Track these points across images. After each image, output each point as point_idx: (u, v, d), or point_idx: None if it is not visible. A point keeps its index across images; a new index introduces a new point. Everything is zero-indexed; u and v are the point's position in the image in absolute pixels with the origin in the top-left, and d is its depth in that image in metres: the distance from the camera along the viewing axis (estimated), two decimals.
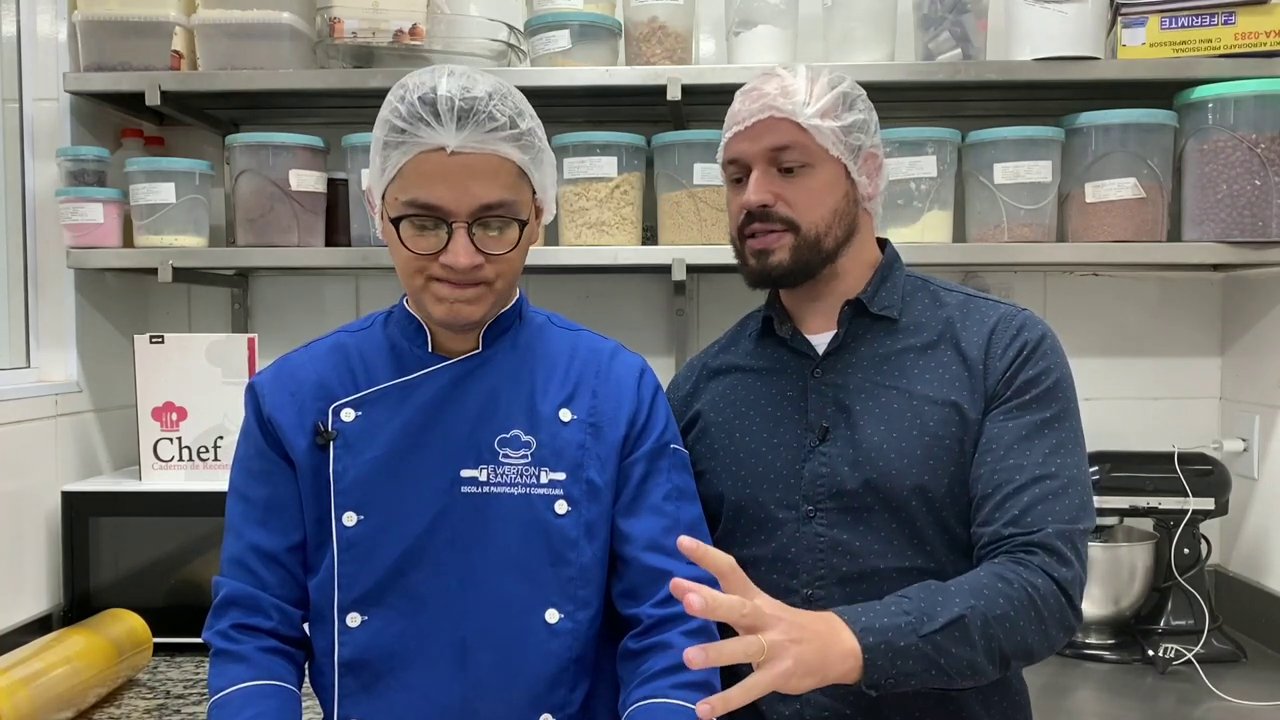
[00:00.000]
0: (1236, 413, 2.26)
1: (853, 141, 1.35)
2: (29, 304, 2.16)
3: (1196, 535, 2.06)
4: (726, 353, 1.51)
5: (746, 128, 1.35)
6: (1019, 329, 1.34)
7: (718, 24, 2.25)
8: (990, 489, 1.27)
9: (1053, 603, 1.21)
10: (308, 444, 1.28)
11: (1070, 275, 2.35)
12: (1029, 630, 1.19)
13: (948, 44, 2.02)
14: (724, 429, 1.43)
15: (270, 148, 2.11)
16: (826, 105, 1.33)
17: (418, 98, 1.17)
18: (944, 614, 1.15)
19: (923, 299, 1.41)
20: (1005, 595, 1.18)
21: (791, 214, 1.34)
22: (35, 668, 1.64)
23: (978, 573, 1.22)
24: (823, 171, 1.34)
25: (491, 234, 1.21)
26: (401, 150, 1.19)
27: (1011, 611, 1.18)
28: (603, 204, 2.08)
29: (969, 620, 1.16)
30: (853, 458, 1.32)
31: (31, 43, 2.14)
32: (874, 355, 1.37)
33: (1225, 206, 1.95)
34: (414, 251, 1.20)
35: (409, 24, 2.05)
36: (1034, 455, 1.27)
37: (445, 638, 1.24)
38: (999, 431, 1.29)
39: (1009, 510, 1.25)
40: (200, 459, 2.11)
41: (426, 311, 1.25)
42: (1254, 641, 2.09)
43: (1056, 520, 1.24)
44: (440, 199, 1.18)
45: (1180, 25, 1.97)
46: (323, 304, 2.43)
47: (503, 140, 1.19)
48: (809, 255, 1.35)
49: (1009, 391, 1.31)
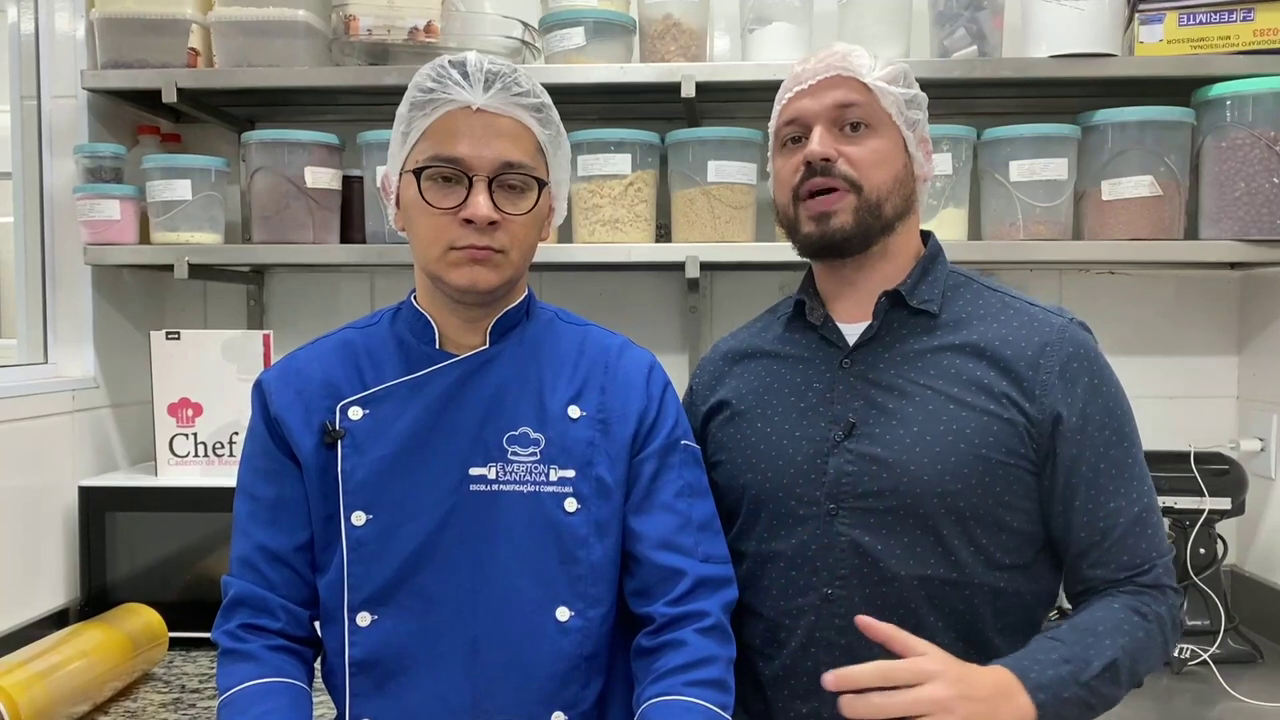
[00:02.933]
0: (1253, 412, 2.24)
1: (911, 115, 1.34)
2: (46, 300, 2.17)
3: (1213, 535, 2.04)
4: (756, 337, 1.47)
5: (810, 85, 1.32)
6: (1073, 353, 1.29)
7: (733, 21, 2.25)
8: (1097, 536, 1.28)
9: (1171, 629, 1.28)
10: (315, 443, 1.28)
11: (1086, 273, 2.34)
12: (1159, 657, 1.28)
13: (963, 41, 2.02)
14: (747, 417, 1.40)
15: (286, 145, 2.12)
16: (891, 74, 1.32)
17: (448, 61, 1.23)
18: (1098, 659, 1.20)
19: (965, 295, 1.37)
20: (1145, 630, 1.25)
21: (854, 173, 1.30)
22: (52, 661, 1.65)
23: (1113, 608, 1.26)
24: (886, 135, 1.32)
25: (510, 195, 1.23)
26: (427, 110, 1.23)
27: (1150, 645, 1.25)
28: (616, 201, 2.08)
29: (1120, 663, 1.21)
30: (881, 458, 1.28)
31: (49, 40, 2.15)
32: (908, 351, 1.33)
33: (1243, 204, 1.94)
34: (433, 205, 1.22)
35: (424, 21, 2.05)
36: (1130, 493, 1.28)
37: (456, 636, 1.24)
38: (1089, 475, 1.28)
39: (1120, 555, 1.28)
40: (216, 455, 2.12)
41: (445, 281, 1.25)
42: (1270, 642, 2.08)
43: (1159, 553, 1.29)
44: (463, 152, 1.21)
45: (1198, 22, 1.96)
46: (338, 301, 2.44)
47: (525, 108, 1.24)
48: (870, 220, 1.31)
49: (1089, 430, 1.27)
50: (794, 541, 1.32)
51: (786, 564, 1.33)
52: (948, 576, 1.27)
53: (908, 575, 1.27)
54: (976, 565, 1.28)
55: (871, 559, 1.28)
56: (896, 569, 1.27)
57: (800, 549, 1.32)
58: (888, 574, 1.28)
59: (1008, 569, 1.29)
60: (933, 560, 1.27)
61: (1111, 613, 1.25)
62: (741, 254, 2.08)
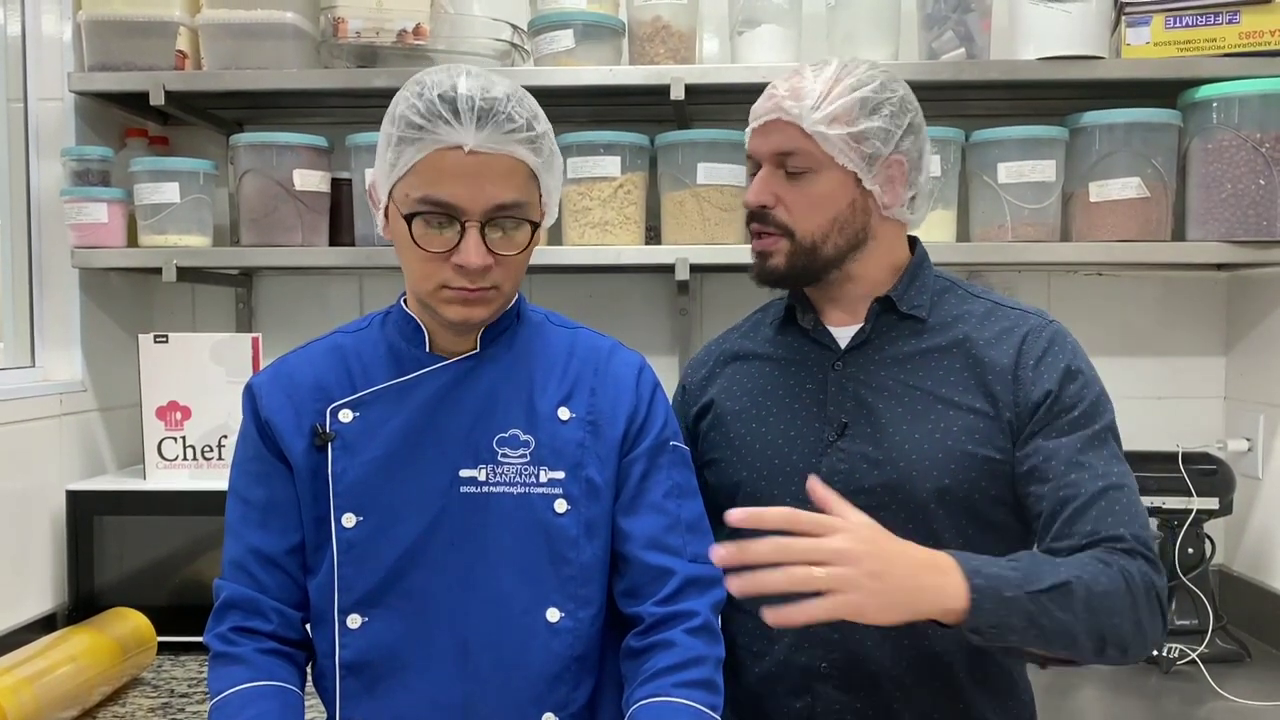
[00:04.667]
0: (1241, 412, 2.26)
1: (867, 149, 1.30)
2: (34, 303, 2.16)
3: (1200, 535, 2.05)
4: (746, 339, 1.49)
5: (758, 126, 1.35)
6: (1050, 342, 1.32)
7: (721, 23, 2.25)
8: (1058, 505, 1.25)
9: (1143, 591, 1.20)
10: (305, 445, 1.28)
11: (1074, 275, 2.34)
12: (1125, 613, 1.18)
13: (951, 43, 2.02)
14: (740, 417, 1.41)
15: (274, 147, 2.11)
16: (839, 110, 1.29)
17: (437, 95, 1.17)
18: (1050, 577, 1.15)
19: (950, 300, 1.39)
20: (1106, 575, 1.18)
21: (788, 220, 1.33)
22: (40, 666, 1.64)
23: (1078, 555, 1.21)
24: (825, 179, 1.31)
25: (502, 235, 1.21)
26: (417, 147, 1.18)
27: (1111, 590, 1.17)
28: (606, 203, 2.08)
29: (1074, 588, 1.15)
30: (873, 456, 1.31)
31: (36, 42, 2.14)
32: (898, 354, 1.36)
33: (1229, 206, 1.95)
34: (425, 249, 1.20)
35: (413, 23, 2.05)
36: (1095, 468, 1.26)
37: (446, 638, 1.24)
38: (1054, 448, 1.27)
39: (1084, 522, 1.24)
40: (204, 458, 2.11)
41: (438, 314, 1.25)
42: (1258, 642, 2.09)
43: (1132, 526, 1.24)
44: (455, 197, 1.18)
45: (1184, 24, 1.97)
46: (327, 303, 2.44)
47: (519, 142, 1.20)
48: (805, 261, 1.34)
49: (1056, 409, 1.28)
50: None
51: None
52: None
53: None
54: None
55: None
56: None
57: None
58: None
59: None
60: None
61: (1074, 557, 1.21)
62: (731, 256, 2.08)
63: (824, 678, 1.31)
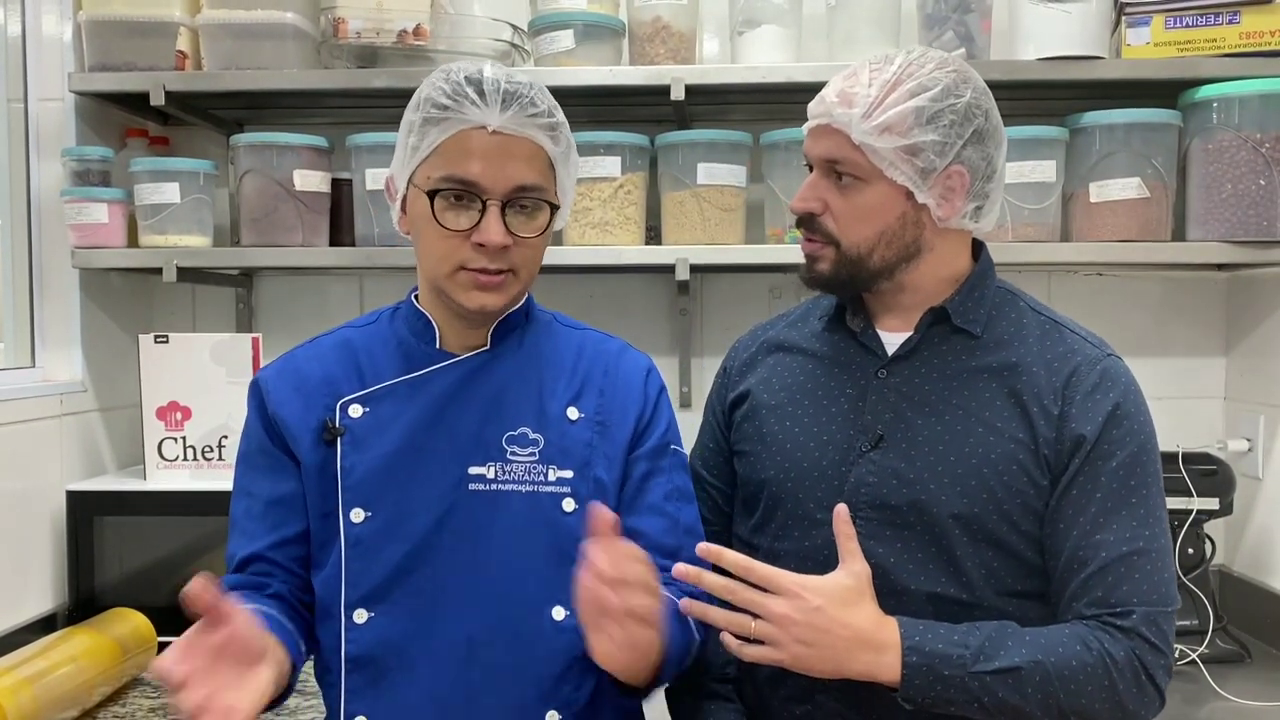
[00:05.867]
0: (1241, 413, 2.26)
1: (920, 163, 1.22)
2: (34, 304, 2.16)
3: (1201, 535, 2.06)
4: (793, 329, 1.43)
5: (810, 128, 1.29)
6: (1100, 379, 1.25)
7: (722, 24, 2.25)
8: (1075, 563, 1.22)
9: (1129, 677, 1.18)
10: (314, 440, 1.28)
11: (1074, 275, 2.35)
12: (1096, 697, 1.17)
13: (952, 44, 2.02)
14: (775, 413, 1.37)
15: (274, 148, 2.11)
16: (892, 119, 1.21)
17: (464, 77, 1.22)
18: (1003, 660, 1.15)
19: (1009, 314, 1.32)
20: (1080, 659, 1.17)
21: (834, 229, 1.27)
22: (40, 667, 1.64)
23: (1062, 629, 1.20)
24: (874, 191, 1.24)
25: (522, 217, 1.24)
26: (442, 127, 1.21)
27: (1081, 675, 1.16)
28: (606, 204, 2.08)
29: (1025, 673, 1.15)
30: (904, 474, 1.26)
31: (37, 43, 2.14)
32: (945, 369, 1.29)
33: (1230, 206, 1.95)
34: (446, 227, 1.21)
35: (413, 24, 2.05)
36: (1121, 530, 1.21)
37: (452, 635, 1.24)
38: (1084, 502, 1.22)
39: (1094, 590, 1.20)
40: (205, 458, 2.11)
41: (454, 300, 1.25)
42: (1258, 642, 2.09)
43: (1144, 602, 1.20)
44: (478, 175, 1.21)
45: (1184, 25, 1.97)
46: (327, 304, 2.44)
47: (540, 128, 1.24)
48: (852, 271, 1.28)
49: (1094, 455, 1.23)
50: (806, 544, 1.31)
51: (797, 565, 1.27)
52: (958, 596, 1.25)
53: (917, 590, 1.25)
54: (987, 588, 1.25)
55: (883, 570, 1.24)
56: (907, 583, 1.25)
57: (812, 552, 1.29)
58: (897, 586, 1.25)
59: (1018, 596, 1.26)
60: (944, 578, 1.25)
61: (1056, 631, 1.19)
62: (731, 256, 2.08)
63: (824, 688, 1.29)
